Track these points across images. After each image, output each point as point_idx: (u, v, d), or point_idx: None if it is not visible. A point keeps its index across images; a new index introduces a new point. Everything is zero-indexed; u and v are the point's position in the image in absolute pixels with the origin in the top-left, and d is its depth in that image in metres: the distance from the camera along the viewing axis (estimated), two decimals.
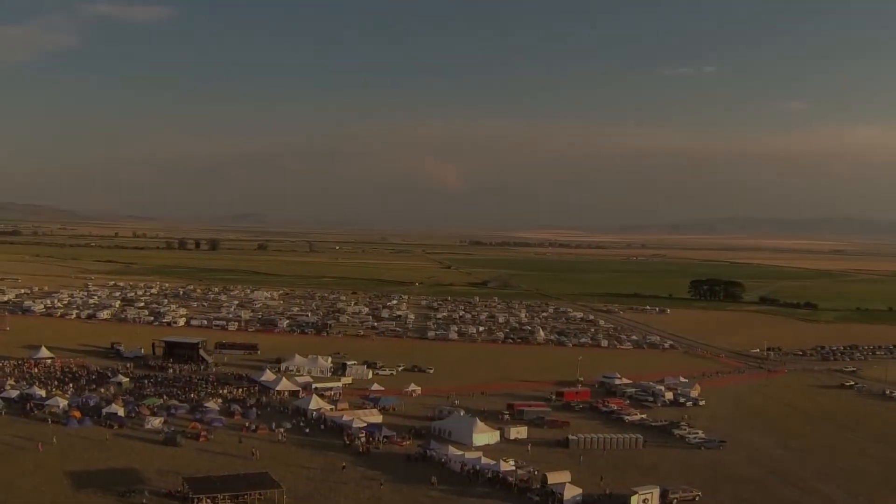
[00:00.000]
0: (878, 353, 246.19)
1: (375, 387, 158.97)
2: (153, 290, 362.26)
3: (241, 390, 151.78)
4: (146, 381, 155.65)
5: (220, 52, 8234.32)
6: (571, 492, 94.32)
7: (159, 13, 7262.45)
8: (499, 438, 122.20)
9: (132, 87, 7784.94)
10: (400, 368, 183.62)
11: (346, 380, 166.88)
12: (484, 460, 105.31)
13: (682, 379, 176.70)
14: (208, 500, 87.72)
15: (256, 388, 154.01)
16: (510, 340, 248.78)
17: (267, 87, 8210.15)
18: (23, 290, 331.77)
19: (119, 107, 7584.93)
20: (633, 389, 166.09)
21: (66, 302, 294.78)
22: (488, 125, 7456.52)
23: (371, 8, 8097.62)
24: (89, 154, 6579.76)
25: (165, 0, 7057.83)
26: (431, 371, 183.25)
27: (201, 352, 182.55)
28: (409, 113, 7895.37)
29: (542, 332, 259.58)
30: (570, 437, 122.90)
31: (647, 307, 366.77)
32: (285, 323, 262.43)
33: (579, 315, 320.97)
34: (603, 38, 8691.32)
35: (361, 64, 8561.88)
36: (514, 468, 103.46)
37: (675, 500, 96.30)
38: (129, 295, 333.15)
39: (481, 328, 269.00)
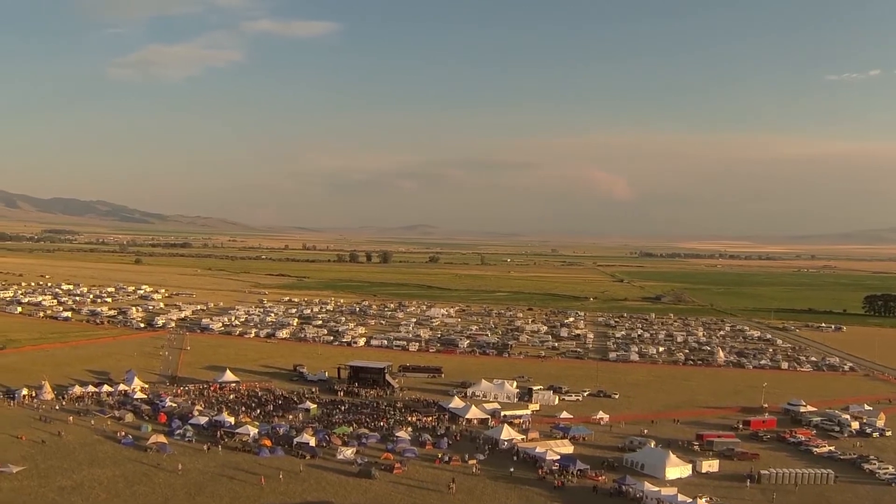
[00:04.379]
0: None
1: (564, 414, 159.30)
2: (329, 307, 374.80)
3: (431, 418, 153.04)
4: (334, 408, 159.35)
5: (383, 66, 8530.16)
6: None
7: (321, 28, 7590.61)
8: (690, 472, 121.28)
9: (295, 101, 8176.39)
10: (585, 393, 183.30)
11: (534, 406, 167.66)
12: (680, 497, 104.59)
13: (866, 406, 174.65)
14: None
15: (446, 415, 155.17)
16: (690, 362, 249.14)
17: (432, 98, 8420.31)
18: (199, 307, 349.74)
19: (283, 120, 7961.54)
20: (819, 418, 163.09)
21: (243, 319, 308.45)
22: (655, 135, 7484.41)
23: (539, 23, 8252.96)
24: (255, 167, 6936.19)
25: (327, 15, 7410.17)
26: (616, 396, 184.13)
27: (387, 376, 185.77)
28: (576, 123, 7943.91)
29: (721, 353, 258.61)
30: (763, 471, 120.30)
31: (823, 324, 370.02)
32: (465, 343, 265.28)
33: (756, 334, 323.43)
34: (767, 47, 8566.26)
35: (528, 77, 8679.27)
36: None
37: None
38: (305, 312, 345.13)
39: (661, 348, 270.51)
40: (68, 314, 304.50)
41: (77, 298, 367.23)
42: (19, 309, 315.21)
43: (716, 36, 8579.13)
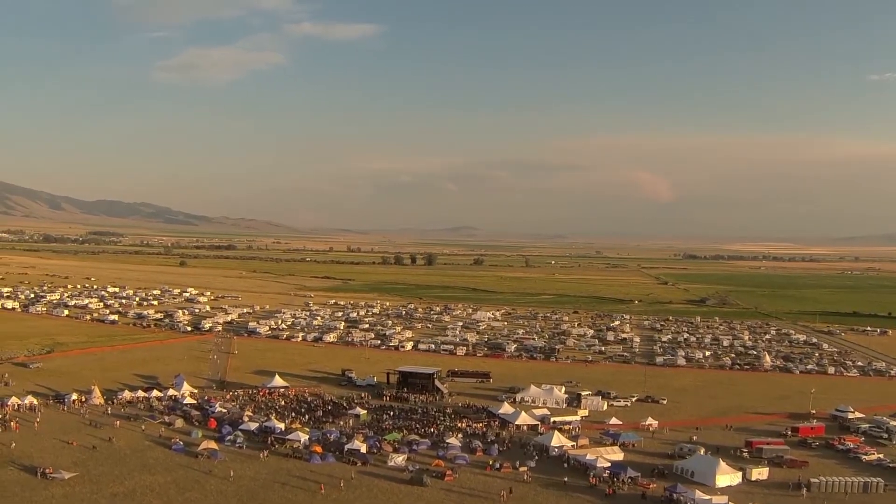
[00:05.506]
0: None
1: (613, 420, 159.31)
2: (375, 310, 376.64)
3: (481, 424, 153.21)
4: (384, 414, 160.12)
5: (425, 67, 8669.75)
6: None
7: (363, 31, 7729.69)
8: (740, 479, 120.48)
9: (339, 104, 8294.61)
10: (633, 399, 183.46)
11: (582, 412, 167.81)
12: None
13: None
14: None
15: (496, 421, 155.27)
16: (737, 367, 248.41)
17: (473, 100, 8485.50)
18: (245, 310, 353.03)
19: (326, 123, 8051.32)
20: (867, 425, 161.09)
21: (289, 323, 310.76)
22: (698, 136, 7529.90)
23: (582, 24, 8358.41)
24: (299, 169, 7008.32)
25: (368, 18, 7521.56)
26: (664, 402, 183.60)
27: (436, 382, 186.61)
28: (618, 125, 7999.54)
29: (768, 358, 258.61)
30: (813, 479, 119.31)
31: (868, 328, 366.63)
32: (513, 347, 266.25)
33: (802, 338, 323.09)
34: (808, 47, 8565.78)
35: (572, 78, 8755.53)
36: None
37: None
38: (351, 315, 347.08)
39: (707, 353, 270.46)
40: (115, 317, 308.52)
41: (123, 301, 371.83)
42: (66, 312, 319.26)
43: (758, 36, 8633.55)
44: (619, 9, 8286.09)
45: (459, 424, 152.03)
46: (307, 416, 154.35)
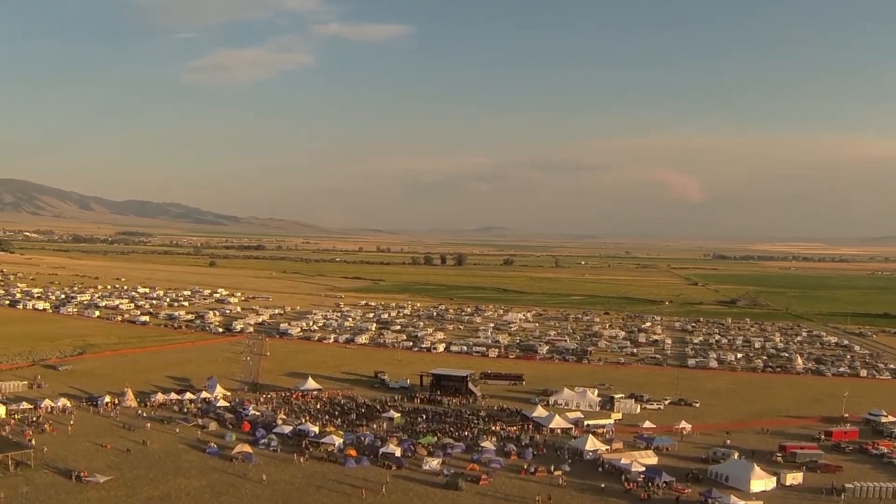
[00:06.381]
0: None
1: (647, 424, 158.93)
2: (406, 311, 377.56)
3: (515, 427, 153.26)
4: (418, 417, 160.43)
5: (454, 68, 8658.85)
6: None
7: (392, 31, 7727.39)
8: (775, 485, 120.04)
9: (368, 104, 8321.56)
10: (666, 402, 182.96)
11: (616, 415, 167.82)
12: None
13: None
14: None
15: (530, 425, 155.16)
16: (769, 369, 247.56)
17: (503, 100, 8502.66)
18: (276, 311, 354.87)
19: (356, 123, 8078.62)
20: None
21: (321, 324, 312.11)
22: (727, 136, 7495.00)
23: (613, 26, 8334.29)
24: (328, 169, 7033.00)
25: (397, 18, 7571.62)
26: (697, 405, 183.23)
27: (470, 384, 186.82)
28: (648, 125, 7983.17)
29: (799, 360, 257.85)
30: (848, 485, 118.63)
31: None
32: (545, 349, 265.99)
33: (833, 339, 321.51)
34: (833, 46, 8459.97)
35: (598, 78, 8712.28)
36: None
37: None
38: (382, 316, 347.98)
39: (739, 355, 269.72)
40: (146, 318, 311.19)
41: (154, 302, 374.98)
42: (97, 313, 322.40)
43: (784, 35, 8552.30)
44: (648, 9, 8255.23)
45: (493, 428, 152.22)
46: (340, 419, 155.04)
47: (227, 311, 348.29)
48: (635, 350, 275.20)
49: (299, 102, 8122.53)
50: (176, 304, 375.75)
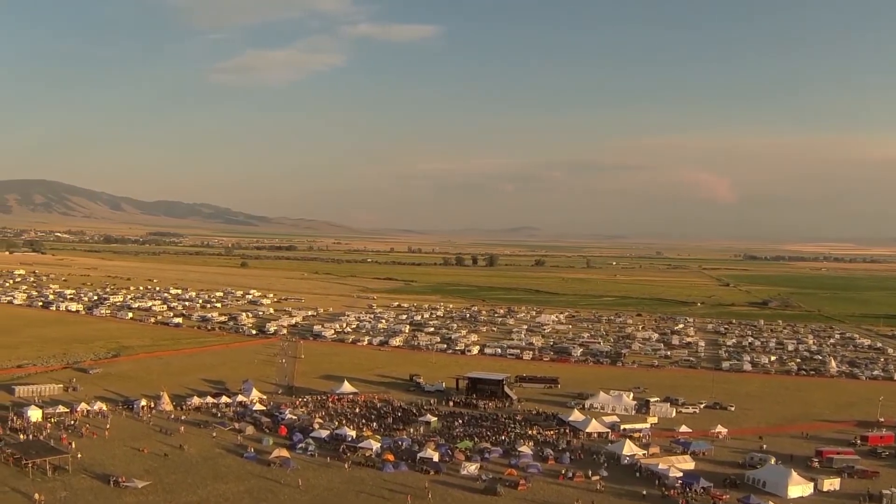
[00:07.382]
0: None
1: (683, 428, 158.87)
2: (439, 313, 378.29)
3: (552, 432, 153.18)
4: (454, 421, 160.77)
5: (484, 68, 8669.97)
6: None
7: (421, 31, 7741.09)
8: (812, 490, 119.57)
9: (399, 104, 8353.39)
10: (702, 405, 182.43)
11: (652, 419, 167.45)
12: None
13: None
14: None
15: (567, 429, 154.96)
16: (803, 372, 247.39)
17: (533, 100, 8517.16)
18: (309, 312, 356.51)
19: (386, 123, 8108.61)
20: None
21: (354, 326, 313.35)
22: (758, 136, 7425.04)
23: (642, 24, 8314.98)
24: (359, 170, 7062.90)
25: (427, 19, 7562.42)
26: (732, 408, 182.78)
27: (506, 388, 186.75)
28: (677, 125, 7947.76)
29: (833, 363, 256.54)
30: (885, 491, 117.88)
31: None
32: (579, 352, 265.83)
33: (866, 342, 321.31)
34: (868, 45, 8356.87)
35: (631, 78, 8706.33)
36: None
37: None
38: (415, 318, 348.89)
39: (772, 357, 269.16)
40: (179, 320, 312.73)
41: (186, 303, 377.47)
42: (130, 314, 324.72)
43: (818, 34, 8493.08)
44: (674, 9, 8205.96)
45: (530, 432, 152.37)
46: (377, 423, 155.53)
47: (260, 313, 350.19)
48: (669, 352, 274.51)
49: (329, 103, 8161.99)
50: (208, 305, 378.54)
